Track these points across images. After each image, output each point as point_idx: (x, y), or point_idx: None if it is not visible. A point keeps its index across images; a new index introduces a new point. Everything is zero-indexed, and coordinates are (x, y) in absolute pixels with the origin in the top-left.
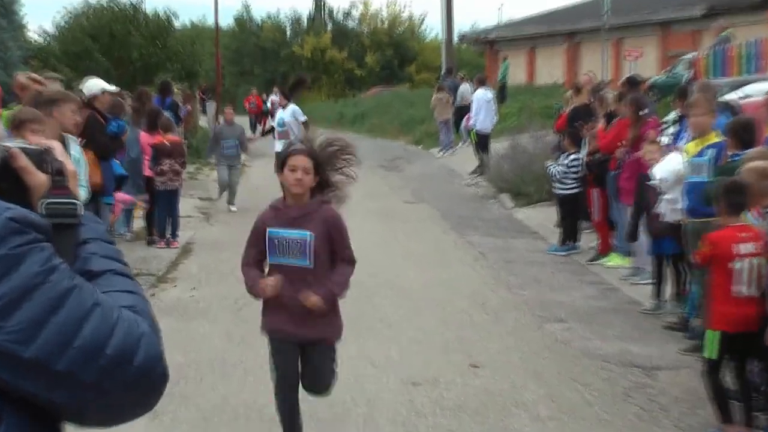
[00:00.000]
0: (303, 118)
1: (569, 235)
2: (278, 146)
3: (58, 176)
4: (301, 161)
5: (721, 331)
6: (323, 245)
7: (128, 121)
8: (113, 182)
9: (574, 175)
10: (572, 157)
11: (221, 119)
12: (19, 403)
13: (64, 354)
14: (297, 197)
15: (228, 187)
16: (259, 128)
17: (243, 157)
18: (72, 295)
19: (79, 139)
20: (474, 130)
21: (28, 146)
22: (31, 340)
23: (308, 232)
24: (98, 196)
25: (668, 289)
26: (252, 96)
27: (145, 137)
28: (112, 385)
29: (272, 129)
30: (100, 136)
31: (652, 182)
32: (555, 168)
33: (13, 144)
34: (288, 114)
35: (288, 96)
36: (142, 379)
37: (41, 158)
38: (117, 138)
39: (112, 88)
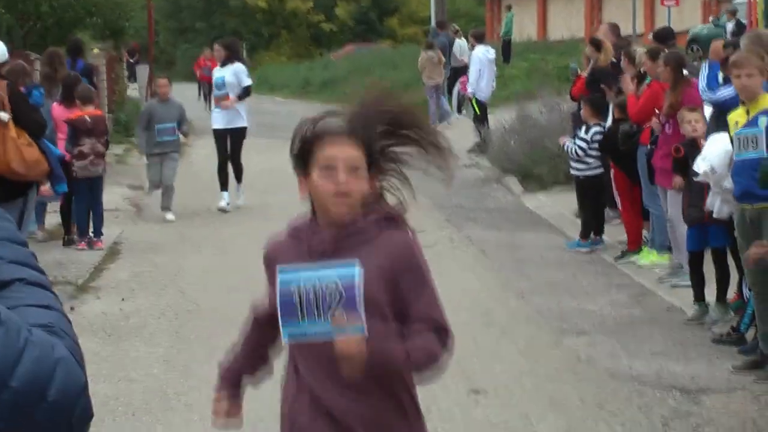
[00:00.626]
0: (248, 81)
1: (592, 227)
2: (217, 118)
3: None
4: (345, 151)
5: None
6: (384, 294)
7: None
8: (59, 165)
9: (597, 153)
10: (594, 130)
11: (154, 94)
12: None
13: None
14: (340, 216)
15: (162, 187)
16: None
17: (182, 139)
18: None
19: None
20: (474, 98)
21: None
22: None
23: (356, 267)
24: (33, 185)
25: (714, 293)
26: (204, 59)
27: (58, 111)
28: (18, 427)
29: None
30: (27, 109)
31: (698, 177)
32: (573, 144)
33: None
34: (230, 73)
35: (232, 50)
36: (58, 417)
37: None
38: (35, 110)
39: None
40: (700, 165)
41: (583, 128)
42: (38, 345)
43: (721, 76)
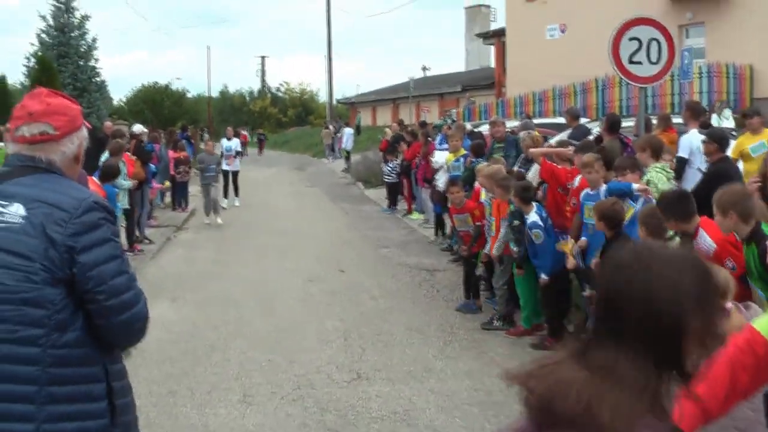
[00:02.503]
0: (238, 148)
1: (392, 202)
2: (224, 165)
3: None
4: None
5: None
6: None
7: (164, 145)
8: (150, 176)
9: (394, 172)
10: (393, 163)
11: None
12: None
13: (103, 285)
14: None
15: (213, 203)
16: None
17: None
18: (119, 259)
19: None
20: (344, 149)
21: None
22: (92, 269)
23: None
24: (143, 184)
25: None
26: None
27: (171, 153)
28: (117, 314)
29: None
30: (141, 152)
31: (436, 166)
32: (386, 167)
33: None
34: (235, 143)
35: (237, 132)
36: (133, 320)
37: None
38: (150, 153)
39: (143, 129)
40: (437, 163)
41: (389, 162)
42: (137, 289)
43: (439, 139)
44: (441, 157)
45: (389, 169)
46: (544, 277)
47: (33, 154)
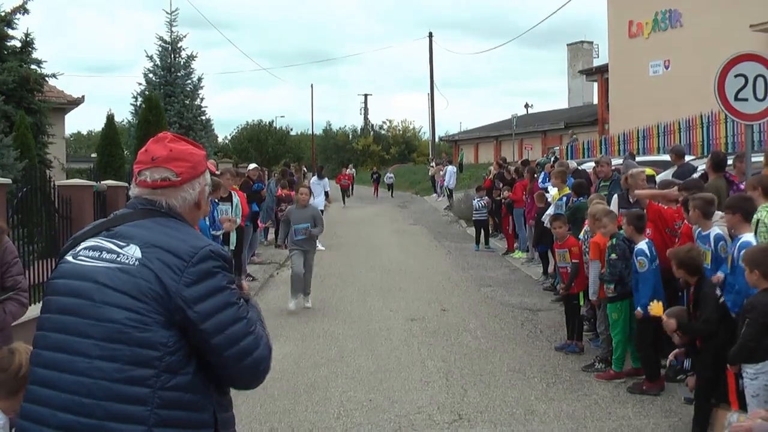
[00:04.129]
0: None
1: (478, 240)
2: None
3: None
4: None
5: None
6: None
7: (274, 182)
8: (251, 215)
9: (485, 209)
10: (484, 199)
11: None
12: (198, 358)
13: (220, 335)
14: None
15: (302, 279)
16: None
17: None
18: (235, 306)
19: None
20: (447, 187)
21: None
22: (206, 319)
23: None
24: (246, 220)
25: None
26: (342, 175)
27: (279, 191)
28: (237, 362)
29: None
30: (247, 191)
31: (543, 218)
32: (476, 203)
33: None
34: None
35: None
36: (255, 364)
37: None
38: (257, 192)
39: (252, 166)
40: (544, 218)
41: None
42: (256, 333)
43: (542, 177)
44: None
45: (480, 205)
46: (639, 310)
47: (154, 198)
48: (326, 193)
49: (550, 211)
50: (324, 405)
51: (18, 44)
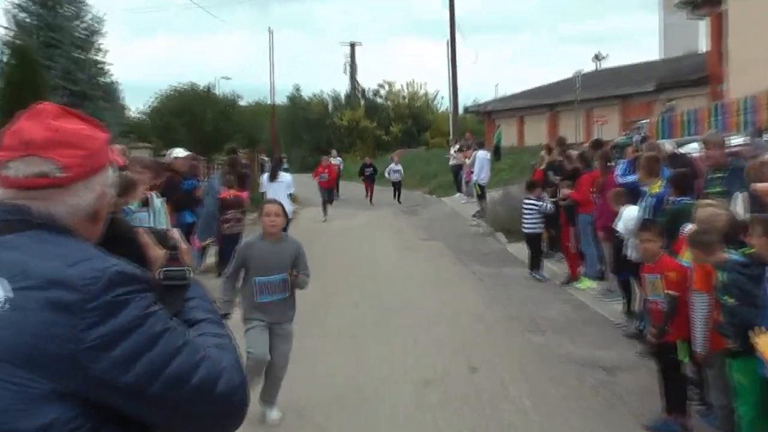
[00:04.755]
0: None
1: (537, 262)
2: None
3: (174, 251)
4: None
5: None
6: None
7: (218, 180)
8: (182, 228)
9: (537, 216)
10: (535, 202)
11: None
12: (117, 420)
13: (155, 382)
14: None
15: (264, 373)
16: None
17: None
18: (165, 336)
19: (160, 196)
20: (476, 182)
21: (155, 228)
22: (127, 370)
23: None
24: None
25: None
26: (322, 167)
27: (222, 192)
28: (196, 410)
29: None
30: (174, 192)
31: (618, 234)
32: (535, 204)
33: (144, 226)
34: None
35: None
36: (223, 405)
37: (163, 237)
38: (189, 193)
39: (180, 153)
40: (618, 227)
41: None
42: (210, 359)
43: (622, 167)
44: (630, 215)
45: (531, 210)
46: None
47: (26, 204)
48: (291, 196)
49: (634, 215)
50: None
51: None
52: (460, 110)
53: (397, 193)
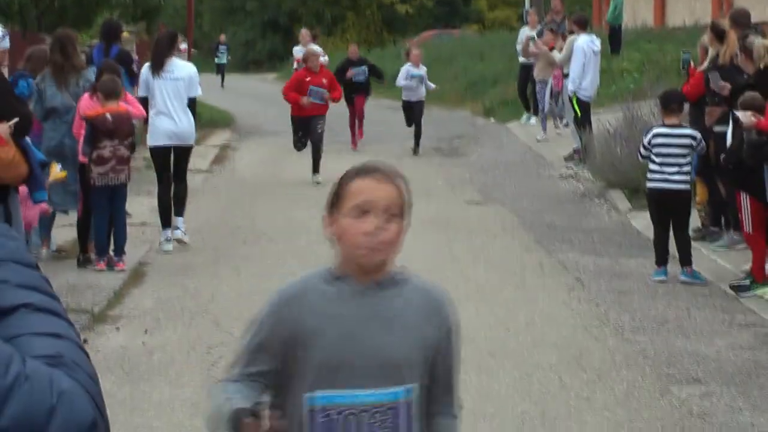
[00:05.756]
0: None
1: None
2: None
3: None
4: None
5: None
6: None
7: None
8: (40, 169)
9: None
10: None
11: None
12: None
13: None
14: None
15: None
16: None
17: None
18: None
19: None
20: (575, 97)
21: None
22: None
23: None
24: (10, 190)
25: None
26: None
27: (87, 105)
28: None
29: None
30: (11, 100)
31: None
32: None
33: None
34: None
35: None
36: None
37: None
38: (20, 106)
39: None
40: None
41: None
42: (33, 379)
43: None
44: None
45: (678, 148)
46: None
47: None
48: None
49: None
50: None
51: None
52: None
53: (414, 127)
